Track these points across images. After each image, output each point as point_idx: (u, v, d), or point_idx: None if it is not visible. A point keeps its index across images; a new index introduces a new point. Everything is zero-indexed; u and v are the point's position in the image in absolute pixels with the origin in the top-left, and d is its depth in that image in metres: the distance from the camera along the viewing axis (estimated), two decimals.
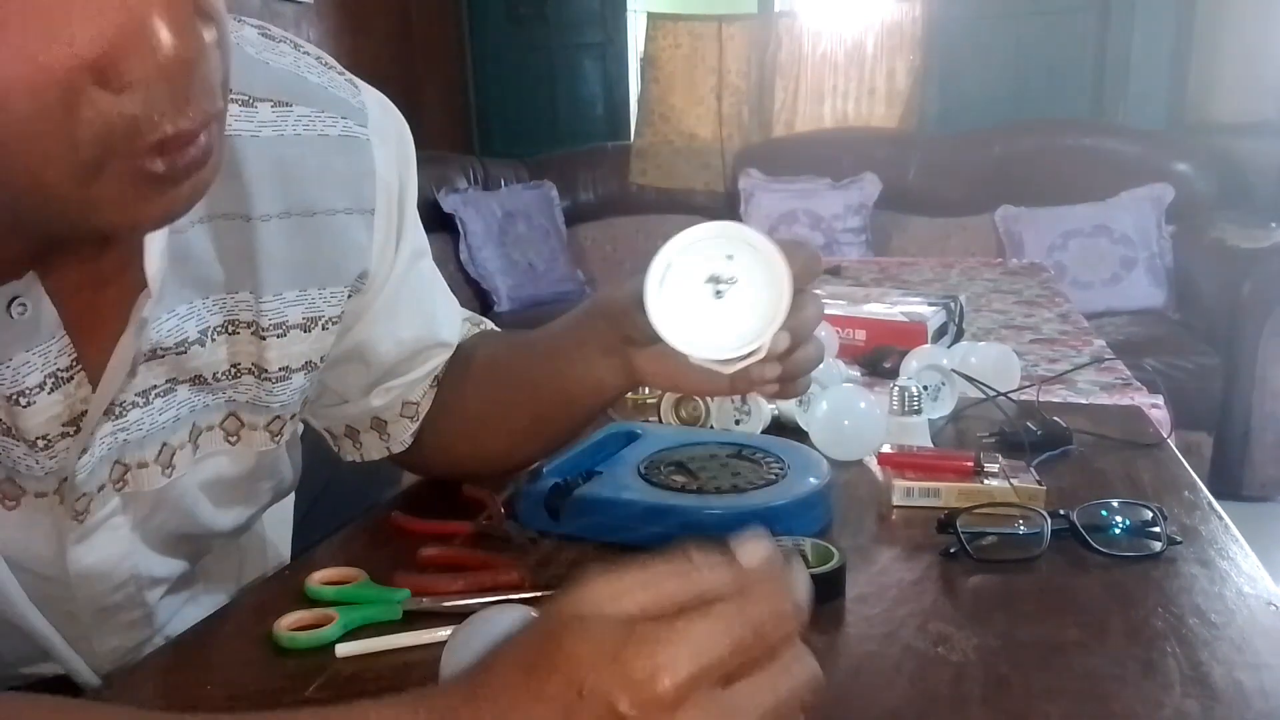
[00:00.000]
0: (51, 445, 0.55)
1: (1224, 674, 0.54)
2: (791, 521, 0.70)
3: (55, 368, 0.54)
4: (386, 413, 0.77)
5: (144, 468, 0.61)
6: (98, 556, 0.61)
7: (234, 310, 0.62)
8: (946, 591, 0.65)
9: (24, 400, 0.53)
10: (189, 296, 0.59)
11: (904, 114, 3.97)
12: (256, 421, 0.66)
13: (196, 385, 0.62)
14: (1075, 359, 1.41)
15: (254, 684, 0.56)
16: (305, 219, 0.63)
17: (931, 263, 2.54)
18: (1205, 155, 3.38)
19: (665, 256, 0.45)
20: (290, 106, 0.62)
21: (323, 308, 0.66)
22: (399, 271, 0.71)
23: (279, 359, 0.64)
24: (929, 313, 1.43)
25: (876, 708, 0.52)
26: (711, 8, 4.21)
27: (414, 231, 0.73)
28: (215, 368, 0.62)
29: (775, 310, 0.45)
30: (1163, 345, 2.81)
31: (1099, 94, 3.76)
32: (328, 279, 0.66)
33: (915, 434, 0.89)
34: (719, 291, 0.45)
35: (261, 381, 0.65)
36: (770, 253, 0.45)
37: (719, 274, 0.45)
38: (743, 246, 0.45)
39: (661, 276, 0.45)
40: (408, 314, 0.74)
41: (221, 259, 0.60)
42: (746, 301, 0.44)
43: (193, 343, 0.60)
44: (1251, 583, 0.64)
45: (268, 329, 0.63)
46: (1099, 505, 0.72)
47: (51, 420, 0.54)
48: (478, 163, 4.02)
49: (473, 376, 0.79)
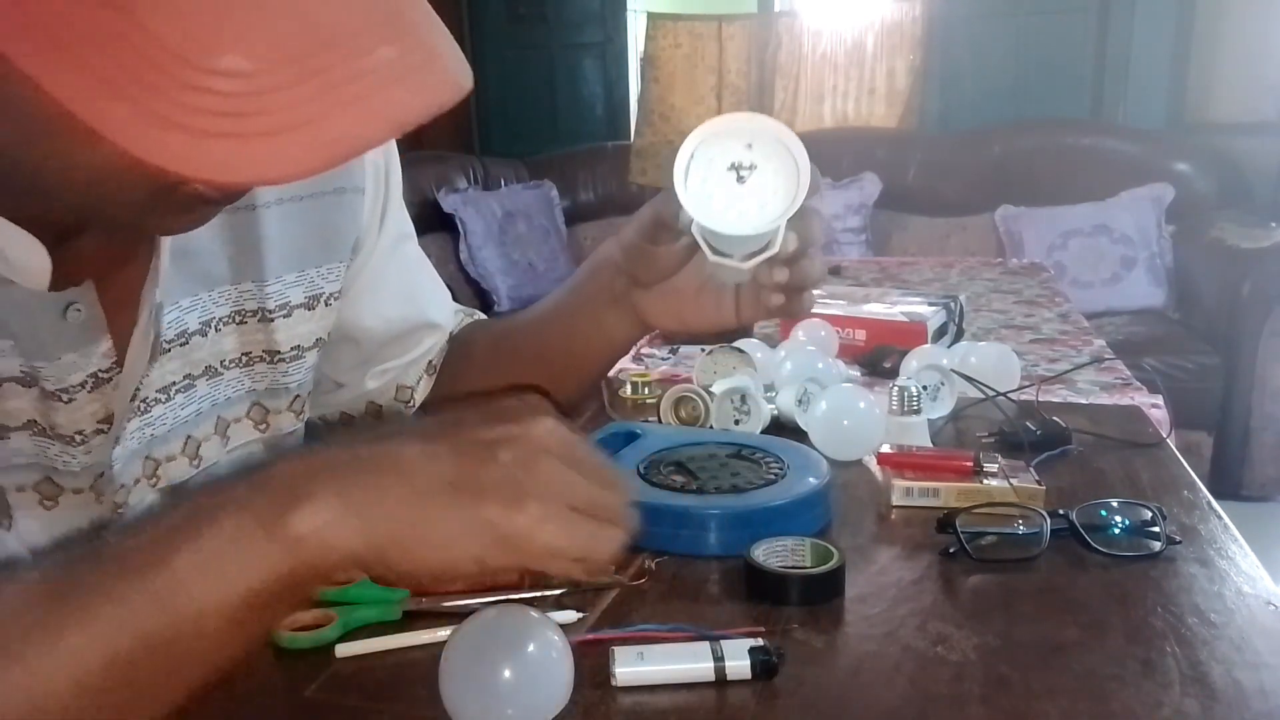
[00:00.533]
0: (87, 440, 0.57)
1: (1223, 673, 0.54)
2: (791, 521, 0.70)
3: (97, 369, 0.56)
4: (381, 397, 0.79)
5: (172, 460, 0.63)
6: None
7: (240, 301, 0.65)
8: (946, 591, 0.65)
9: (66, 397, 0.55)
10: (193, 289, 0.62)
11: (904, 114, 3.97)
12: (279, 405, 0.69)
13: (212, 377, 0.64)
14: (1075, 359, 1.41)
15: (254, 684, 0.56)
16: (299, 202, 0.67)
17: (931, 262, 2.54)
18: (1205, 155, 3.38)
19: (689, 146, 0.48)
20: None
21: (323, 285, 0.69)
22: (383, 249, 0.74)
23: (289, 339, 0.68)
24: (929, 313, 1.43)
25: (876, 707, 0.52)
26: (711, 7, 4.20)
27: (399, 215, 0.76)
28: (223, 356, 0.65)
29: (795, 190, 0.46)
30: (1163, 345, 2.81)
31: (1099, 94, 3.75)
32: (325, 257, 0.69)
33: (915, 434, 0.89)
34: (741, 177, 0.47)
35: (275, 364, 0.67)
36: (788, 137, 0.47)
37: (740, 161, 0.47)
38: (761, 134, 0.47)
39: (686, 165, 0.47)
40: (392, 291, 0.76)
41: (226, 250, 0.63)
42: (768, 185, 0.47)
43: (193, 333, 0.62)
44: (1251, 582, 0.64)
45: (274, 311, 0.66)
46: (1098, 505, 0.72)
47: (88, 417, 0.57)
48: (478, 162, 4.02)
49: (477, 357, 0.81)
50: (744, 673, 0.54)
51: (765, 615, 0.62)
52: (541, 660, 0.49)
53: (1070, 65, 3.75)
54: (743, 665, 0.54)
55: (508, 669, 0.48)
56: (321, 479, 0.42)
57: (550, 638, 0.50)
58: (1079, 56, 3.74)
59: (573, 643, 0.51)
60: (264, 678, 0.56)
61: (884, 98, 4.00)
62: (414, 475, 0.42)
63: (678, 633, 0.58)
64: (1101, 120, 3.72)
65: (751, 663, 0.54)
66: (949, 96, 3.91)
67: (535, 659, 0.49)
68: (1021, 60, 3.78)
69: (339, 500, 0.41)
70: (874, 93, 4.01)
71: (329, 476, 0.42)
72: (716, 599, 0.65)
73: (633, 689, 0.54)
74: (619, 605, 0.64)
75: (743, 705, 0.53)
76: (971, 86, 3.84)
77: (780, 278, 0.60)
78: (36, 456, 0.56)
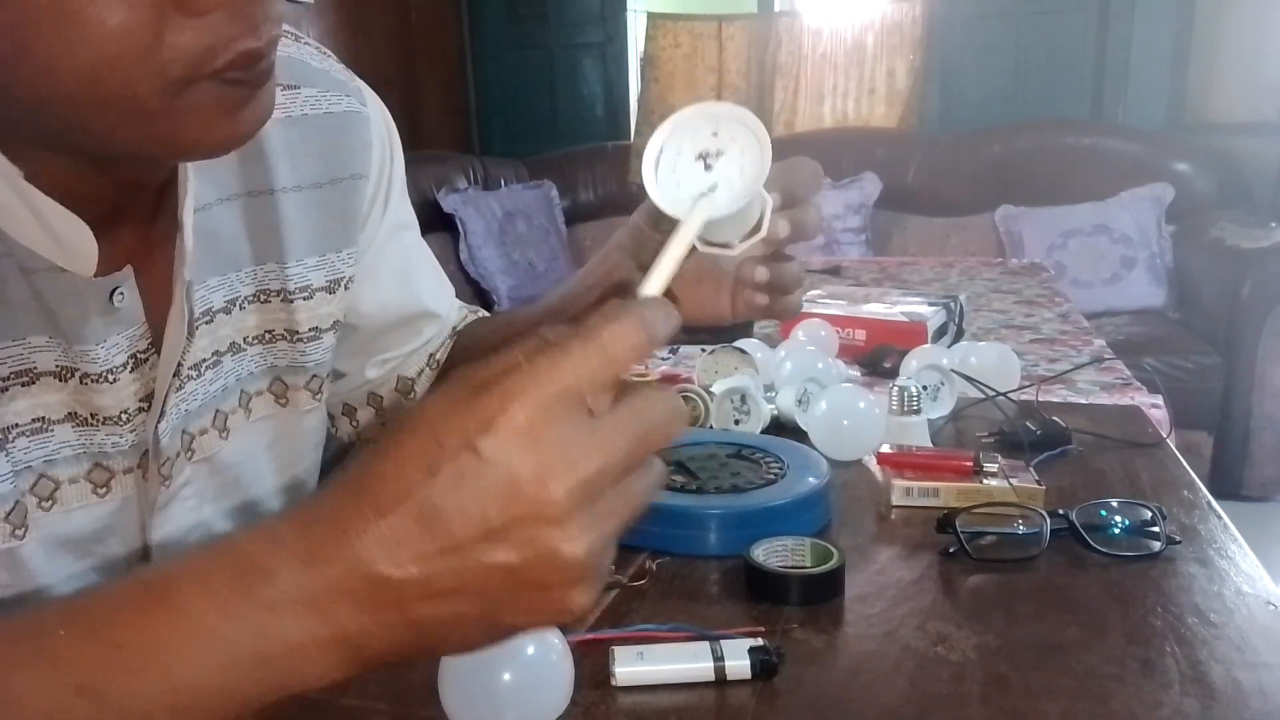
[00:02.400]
0: (131, 419, 0.58)
1: (1222, 673, 0.54)
2: (791, 521, 0.70)
3: (136, 350, 0.58)
4: (382, 387, 0.80)
5: (204, 434, 0.64)
6: (174, 525, 0.63)
7: (264, 281, 0.66)
8: (946, 591, 0.65)
9: (111, 378, 0.56)
10: (220, 270, 0.63)
11: (904, 114, 3.97)
12: (298, 383, 0.70)
13: (236, 354, 0.66)
14: (1075, 359, 1.41)
15: None
16: (318, 189, 0.69)
17: (931, 262, 2.54)
18: (1205, 155, 3.38)
19: (655, 142, 0.48)
20: (298, 88, 0.67)
21: (342, 269, 0.71)
22: (382, 236, 0.75)
23: (308, 320, 0.69)
24: (929, 312, 1.43)
25: (876, 707, 0.52)
26: (711, 7, 4.20)
27: (401, 205, 0.77)
28: (247, 332, 0.66)
29: (760, 167, 0.47)
30: (1163, 345, 2.81)
31: (1099, 94, 3.75)
32: (343, 241, 0.71)
33: (914, 434, 0.89)
34: (708, 165, 0.47)
35: (294, 344, 0.69)
36: (746, 117, 0.48)
37: (706, 149, 0.48)
38: (724, 120, 0.48)
39: (655, 161, 0.48)
40: (390, 277, 0.76)
41: (249, 234, 0.65)
42: (735, 167, 0.48)
43: (218, 311, 0.64)
44: (1250, 582, 0.64)
45: (294, 293, 0.68)
46: (1098, 505, 0.72)
47: (131, 396, 0.58)
48: (478, 162, 4.02)
49: (482, 349, 0.80)
50: (744, 672, 0.54)
51: (765, 615, 0.62)
52: (541, 663, 0.49)
53: (1070, 65, 3.76)
54: (742, 665, 0.54)
55: (508, 673, 0.48)
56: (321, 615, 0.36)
57: (550, 640, 0.50)
58: (1079, 56, 3.75)
59: (572, 643, 0.51)
60: None
61: (884, 98, 4.00)
62: (425, 630, 0.36)
63: (677, 632, 0.58)
64: (1101, 120, 3.72)
65: (751, 662, 0.54)
66: (949, 96, 3.91)
67: (535, 662, 0.49)
68: (1021, 60, 3.78)
69: (338, 651, 0.36)
70: (874, 93, 4.01)
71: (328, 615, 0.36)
72: (716, 599, 0.65)
73: (633, 689, 0.54)
74: (619, 605, 0.64)
75: (742, 705, 0.53)
76: (971, 86, 3.85)
77: (761, 277, 0.62)
78: (84, 445, 0.57)
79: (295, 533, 0.36)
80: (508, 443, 0.34)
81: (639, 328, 0.36)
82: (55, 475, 0.56)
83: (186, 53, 0.43)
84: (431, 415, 0.35)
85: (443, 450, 0.34)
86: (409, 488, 0.34)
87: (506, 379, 0.34)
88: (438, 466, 0.34)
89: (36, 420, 0.54)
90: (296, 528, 0.36)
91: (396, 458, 0.35)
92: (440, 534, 0.34)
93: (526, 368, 0.35)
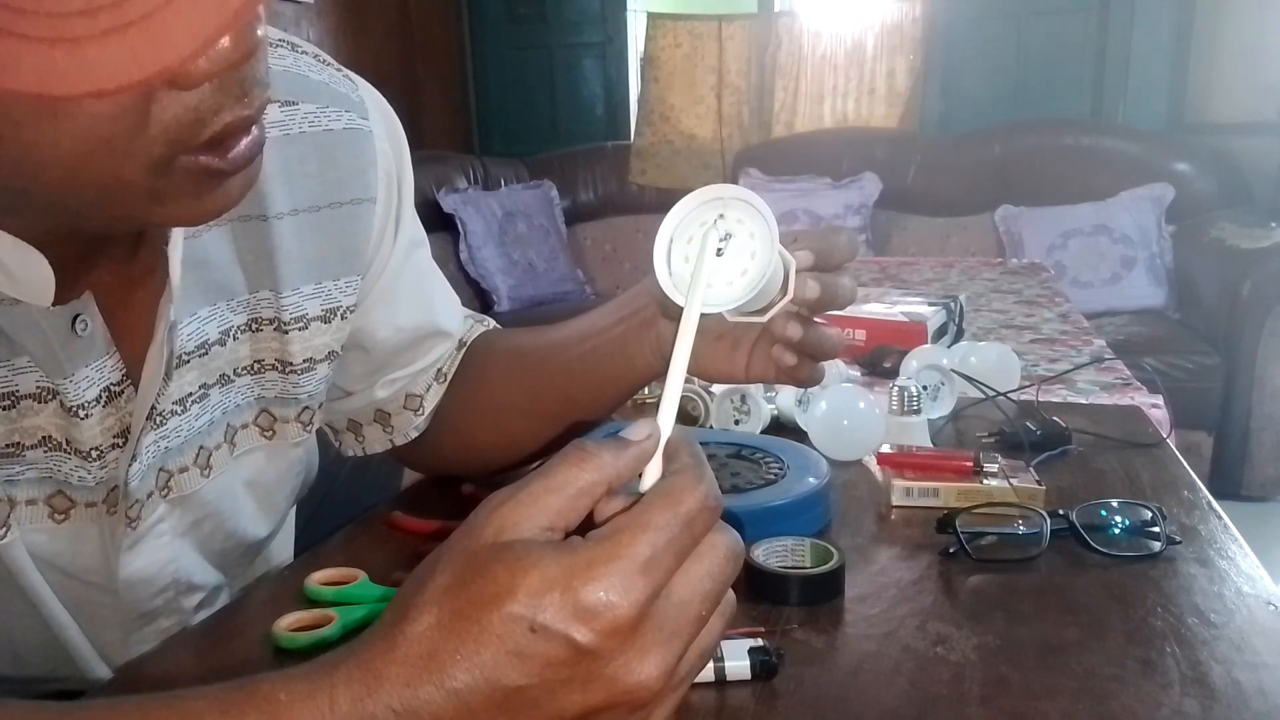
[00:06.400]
0: (103, 455, 0.56)
1: (1223, 673, 0.54)
2: (791, 521, 0.70)
3: (109, 382, 0.56)
4: (390, 405, 0.78)
5: (184, 472, 0.62)
6: (145, 562, 0.62)
7: (256, 309, 0.64)
8: (946, 591, 0.65)
9: (83, 413, 0.54)
10: (211, 299, 0.61)
11: (904, 114, 3.97)
12: (287, 415, 0.68)
13: (224, 385, 0.64)
14: (1075, 359, 1.41)
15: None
16: (316, 213, 0.65)
17: (931, 262, 2.54)
18: (1205, 155, 3.38)
19: (664, 237, 0.47)
20: (296, 105, 0.64)
21: (339, 298, 0.68)
22: (397, 259, 0.73)
23: (302, 351, 0.66)
24: (929, 313, 1.43)
25: (876, 707, 0.52)
26: (711, 7, 4.21)
27: (412, 222, 0.74)
28: (238, 364, 0.64)
29: (770, 246, 0.46)
30: (1163, 345, 2.81)
31: (1099, 94, 3.75)
32: (341, 270, 0.68)
33: (914, 434, 0.89)
34: (719, 250, 0.46)
35: (287, 375, 0.67)
36: (748, 196, 0.47)
37: (717, 235, 0.47)
38: (729, 203, 0.47)
39: (666, 256, 0.47)
40: (406, 300, 0.75)
41: (241, 261, 0.62)
42: (746, 249, 0.47)
43: (213, 343, 0.62)
44: (1250, 582, 0.64)
45: (289, 323, 0.65)
46: (1098, 505, 0.72)
47: (104, 432, 0.56)
48: (478, 162, 4.02)
49: (497, 369, 0.79)
50: (744, 673, 0.54)
51: (765, 615, 0.62)
52: None
53: (1070, 65, 3.76)
54: (742, 665, 0.54)
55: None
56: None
57: None
58: (1079, 56, 3.75)
59: None
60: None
61: (884, 98, 4.00)
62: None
63: None
64: (1101, 120, 3.72)
65: (751, 663, 0.54)
66: (949, 97, 3.92)
67: None
68: (1021, 60, 3.78)
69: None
70: (874, 93, 4.01)
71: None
72: None
73: None
74: None
75: (743, 705, 0.53)
76: (971, 87, 3.85)
77: (794, 334, 0.59)
78: (49, 470, 0.55)
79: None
80: (609, 641, 0.34)
81: (705, 482, 0.37)
82: (14, 495, 0.54)
83: (173, 128, 0.40)
84: (517, 590, 0.33)
85: (536, 637, 0.33)
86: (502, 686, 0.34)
87: (605, 562, 0.34)
88: (527, 656, 0.33)
89: (11, 445, 0.53)
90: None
91: (472, 635, 0.34)
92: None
93: (626, 547, 0.34)
